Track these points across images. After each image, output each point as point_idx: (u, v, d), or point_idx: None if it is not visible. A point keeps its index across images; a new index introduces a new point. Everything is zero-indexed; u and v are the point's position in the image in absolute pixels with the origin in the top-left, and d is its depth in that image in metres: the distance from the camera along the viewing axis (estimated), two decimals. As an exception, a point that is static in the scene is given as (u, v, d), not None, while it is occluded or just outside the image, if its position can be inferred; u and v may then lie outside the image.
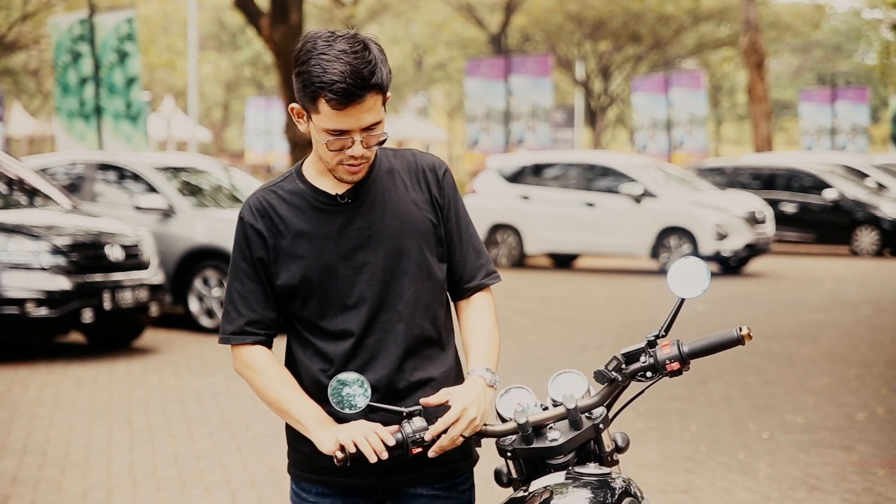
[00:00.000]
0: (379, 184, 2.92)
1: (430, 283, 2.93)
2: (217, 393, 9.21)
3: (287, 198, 2.92)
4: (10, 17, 33.44)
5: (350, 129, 2.77)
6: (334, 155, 2.81)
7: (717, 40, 44.23)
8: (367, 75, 2.72)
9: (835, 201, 22.96)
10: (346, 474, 2.89)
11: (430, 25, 48.01)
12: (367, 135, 2.79)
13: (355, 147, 2.79)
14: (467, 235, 3.00)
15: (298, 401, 2.85)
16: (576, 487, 2.72)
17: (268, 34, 18.45)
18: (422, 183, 2.95)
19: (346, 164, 2.82)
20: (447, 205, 2.97)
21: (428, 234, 2.93)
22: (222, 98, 56.44)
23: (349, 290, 2.88)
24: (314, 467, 2.95)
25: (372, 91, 2.74)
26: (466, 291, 3.02)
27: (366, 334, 2.89)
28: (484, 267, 3.04)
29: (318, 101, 2.75)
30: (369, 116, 2.77)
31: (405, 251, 2.89)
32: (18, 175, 12.20)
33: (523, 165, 20.63)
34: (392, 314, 2.89)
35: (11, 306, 10.36)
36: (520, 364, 10.45)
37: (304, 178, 2.94)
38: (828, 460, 7.31)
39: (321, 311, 2.89)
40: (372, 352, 2.89)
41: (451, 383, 2.94)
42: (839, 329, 12.88)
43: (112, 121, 18.60)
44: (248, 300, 2.91)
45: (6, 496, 6.44)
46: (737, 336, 2.80)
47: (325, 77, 2.71)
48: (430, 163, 2.98)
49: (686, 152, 33.08)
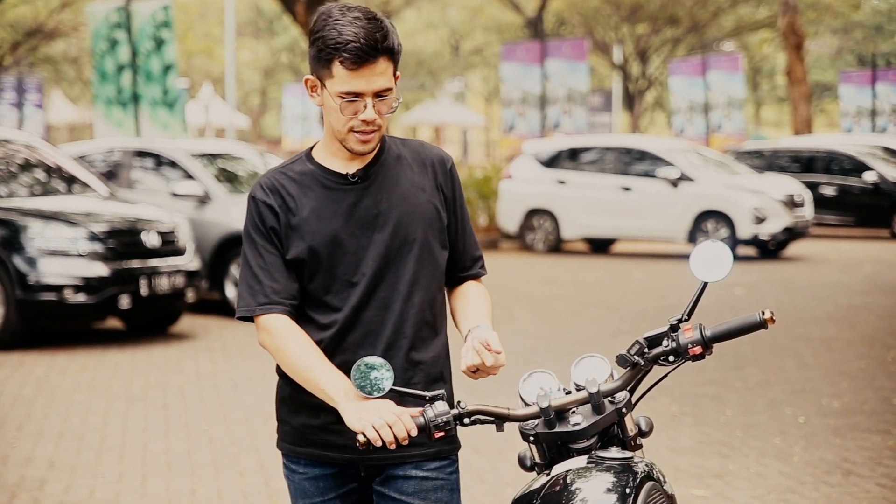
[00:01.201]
0: (387, 167, 3.00)
1: (430, 267, 3.00)
2: (252, 378, 9.26)
3: (297, 178, 3.00)
4: (49, 4, 33.67)
5: (363, 92, 2.86)
6: (347, 120, 2.89)
7: (755, 22, 43.81)
8: (380, 38, 2.84)
9: (875, 183, 22.75)
10: (331, 448, 2.96)
11: (466, 10, 47.89)
12: (378, 101, 2.87)
13: (367, 111, 2.87)
14: (468, 228, 3.13)
15: (326, 371, 2.86)
16: (598, 472, 2.72)
17: (303, 20, 18.48)
18: (429, 171, 3.04)
19: (358, 131, 2.90)
20: (452, 197, 3.06)
21: (433, 220, 3.01)
22: (260, 84, 56.58)
23: (355, 266, 2.95)
24: (300, 440, 3.02)
25: (384, 55, 2.85)
26: (462, 279, 3.14)
27: (363, 308, 2.95)
28: (480, 259, 3.16)
29: (332, 63, 2.85)
30: (381, 80, 2.86)
31: (410, 233, 2.97)
32: (56, 162, 12.30)
33: (559, 150, 20.57)
34: (391, 292, 2.96)
35: (50, 292, 10.46)
36: (554, 348, 10.44)
37: (313, 160, 3.02)
38: (863, 445, 7.26)
39: (326, 286, 2.96)
40: (369, 326, 2.95)
41: (441, 367, 3.02)
42: (877, 312, 12.77)
43: (149, 108, 18.70)
44: (269, 271, 2.95)
45: (43, 480, 6.52)
46: (759, 320, 2.78)
47: (341, 38, 2.83)
48: (437, 155, 3.07)
49: (724, 135, 32.86)
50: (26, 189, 11.64)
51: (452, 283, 3.14)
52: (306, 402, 2.97)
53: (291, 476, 3.07)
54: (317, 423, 2.98)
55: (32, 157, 12.20)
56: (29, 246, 10.50)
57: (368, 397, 2.74)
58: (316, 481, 3.04)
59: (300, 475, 3.05)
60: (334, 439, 2.96)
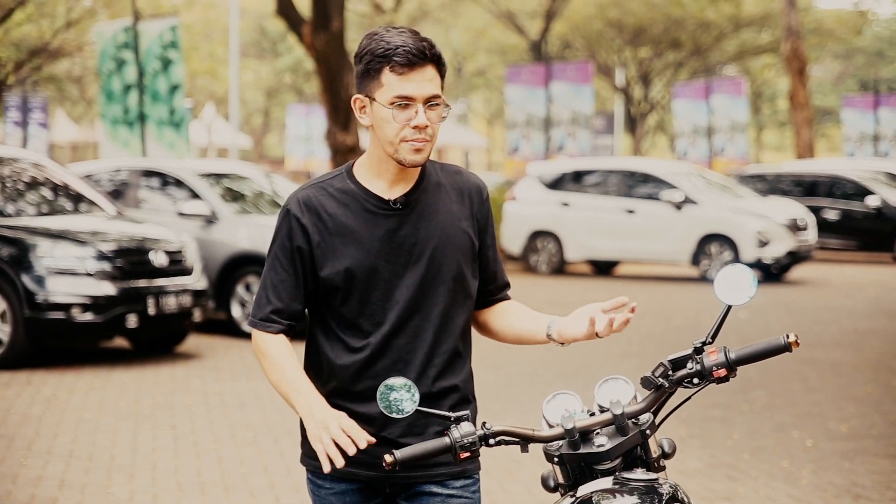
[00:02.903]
0: (428, 195, 3.02)
1: (462, 297, 3.05)
2: (260, 398, 9.27)
3: (337, 196, 3.00)
4: (54, 24, 33.77)
5: (414, 97, 2.88)
6: (399, 129, 2.90)
7: (758, 47, 43.95)
8: (427, 45, 2.90)
9: (877, 208, 22.79)
10: (357, 465, 2.97)
11: (469, 32, 48.02)
12: (429, 109, 2.90)
13: (419, 116, 2.89)
14: (497, 255, 3.20)
15: (301, 387, 2.93)
16: (623, 493, 2.74)
17: (309, 41, 18.54)
18: (465, 201, 3.07)
19: (411, 139, 2.90)
20: (485, 225, 3.12)
21: (467, 250, 3.05)
22: (263, 105, 56.71)
23: (389, 293, 2.97)
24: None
25: (432, 63, 2.90)
26: (493, 302, 3.20)
27: (395, 335, 2.98)
28: (508, 286, 3.25)
29: (381, 73, 2.89)
30: (430, 86, 2.90)
31: (446, 262, 3.00)
32: (64, 181, 12.34)
33: (563, 172, 20.61)
34: (424, 320, 2.99)
35: (57, 311, 10.48)
36: (561, 371, 10.45)
37: (354, 179, 3.02)
38: (872, 469, 7.27)
39: (359, 310, 2.98)
40: (399, 354, 2.98)
41: (469, 390, 3.09)
42: (882, 337, 12.79)
43: (155, 128, 18.75)
44: (278, 290, 3.00)
45: (54, 500, 6.52)
46: (784, 343, 2.80)
47: (390, 45, 2.87)
48: (475, 184, 3.12)
49: (727, 159, 32.91)
50: (34, 208, 11.68)
51: (484, 305, 3.19)
52: None
53: (317, 491, 3.09)
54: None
55: (40, 176, 12.23)
56: (37, 265, 10.52)
57: (397, 416, 2.76)
58: (343, 496, 3.06)
59: (326, 490, 3.07)
60: (361, 457, 2.95)
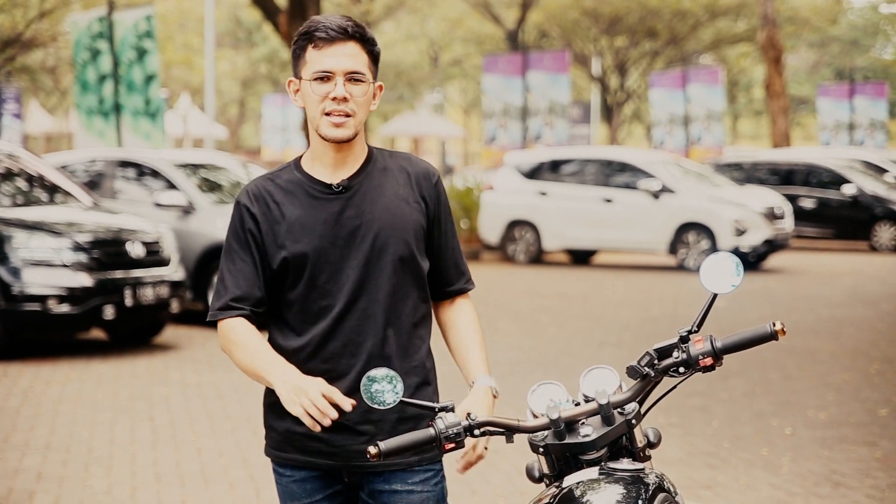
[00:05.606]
0: (372, 178, 3.06)
1: (411, 277, 3.07)
2: (238, 389, 9.23)
3: (284, 185, 3.06)
4: (27, 14, 33.52)
5: (332, 71, 2.93)
6: (319, 101, 2.95)
7: (734, 35, 44.04)
8: (351, 25, 2.96)
9: (853, 196, 22.89)
10: (314, 454, 3.03)
11: (445, 22, 47.95)
12: (350, 83, 2.95)
13: (338, 88, 2.94)
14: (454, 243, 3.18)
15: (270, 358, 2.95)
16: (609, 483, 2.72)
17: (285, 31, 18.46)
18: (413, 184, 3.09)
19: (329, 112, 2.95)
20: (438, 211, 3.12)
21: (416, 230, 3.06)
22: (238, 95, 56.49)
23: (336, 276, 3.01)
24: (286, 446, 3.09)
25: (354, 39, 2.95)
26: (449, 294, 3.19)
27: (344, 317, 3.01)
28: (465, 274, 3.21)
29: (305, 51, 2.97)
30: (351, 61, 2.95)
31: (391, 243, 3.03)
32: (39, 172, 12.25)
33: (541, 162, 20.60)
34: (372, 302, 3.02)
35: (33, 303, 10.41)
36: (540, 360, 10.44)
37: (300, 168, 3.09)
38: (851, 456, 7.29)
39: (308, 294, 3.02)
40: (350, 335, 3.02)
41: (423, 374, 3.08)
42: (860, 325, 12.84)
43: (131, 118, 18.64)
44: (235, 278, 3.03)
45: (31, 492, 6.47)
46: (771, 331, 2.79)
47: (312, 24, 2.97)
48: (423, 169, 3.13)
49: (703, 148, 32.99)
50: (9, 199, 11.58)
51: (439, 297, 3.20)
52: None
53: (280, 480, 3.15)
54: (301, 429, 3.01)
55: (14, 167, 12.14)
56: (13, 256, 10.44)
57: (380, 408, 2.75)
58: (303, 483, 3.11)
59: (287, 478, 3.13)
60: (318, 445, 3.03)
